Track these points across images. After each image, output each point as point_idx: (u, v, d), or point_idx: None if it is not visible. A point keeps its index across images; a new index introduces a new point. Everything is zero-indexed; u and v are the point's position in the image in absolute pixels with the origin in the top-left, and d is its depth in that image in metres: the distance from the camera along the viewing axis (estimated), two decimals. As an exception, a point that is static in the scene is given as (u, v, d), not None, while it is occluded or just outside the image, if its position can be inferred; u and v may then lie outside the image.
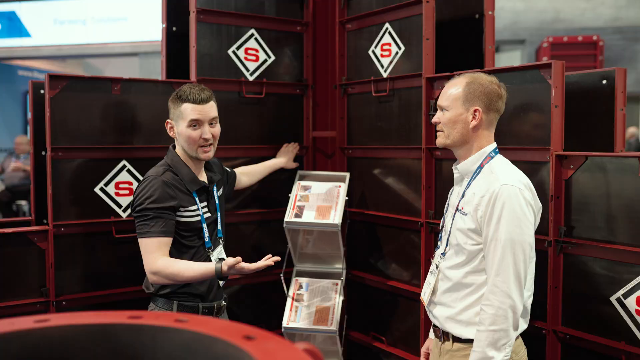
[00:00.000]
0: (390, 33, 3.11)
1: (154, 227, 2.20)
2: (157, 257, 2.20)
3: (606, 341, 2.23)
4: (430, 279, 2.19)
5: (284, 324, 3.02)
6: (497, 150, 2.10)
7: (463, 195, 2.06)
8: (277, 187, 3.40)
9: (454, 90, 2.07)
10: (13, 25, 11.88)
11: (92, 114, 2.82)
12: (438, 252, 2.19)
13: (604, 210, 2.25)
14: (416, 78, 2.93)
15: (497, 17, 3.16)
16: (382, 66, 3.18)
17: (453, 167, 2.16)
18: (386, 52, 3.14)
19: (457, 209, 2.08)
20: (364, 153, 3.33)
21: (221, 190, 2.54)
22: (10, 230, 2.63)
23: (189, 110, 2.28)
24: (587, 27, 9.89)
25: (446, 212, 2.21)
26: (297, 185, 3.19)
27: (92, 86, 2.83)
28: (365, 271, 3.33)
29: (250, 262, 2.39)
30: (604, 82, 2.52)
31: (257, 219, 3.34)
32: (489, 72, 2.59)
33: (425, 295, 2.20)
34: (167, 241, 2.24)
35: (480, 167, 2.05)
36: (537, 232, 2.43)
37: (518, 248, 1.91)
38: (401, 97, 3.07)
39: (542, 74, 2.39)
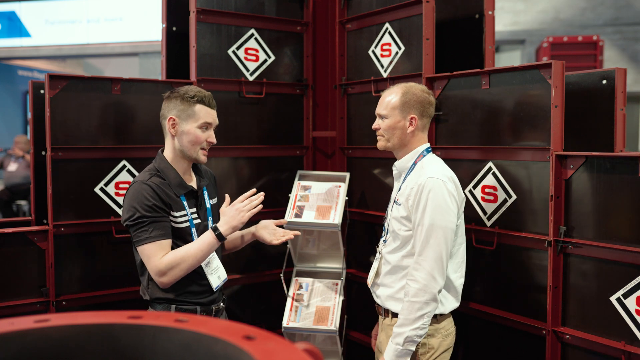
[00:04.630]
0: (390, 33, 3.11)
1: (153, 232, 2.16)
2: (161, 257, 2.17)
3: (606, 341, 2.23)
4: (374, 264, 2.48)
5: (284, 324, 3.02)
6: (429, 149, 2.38)
7: (399, 189, 2.35)
8: (277, 187, 3.40)
9: (391, 99, 2.33)
10: (13, 25, 11.88)
11: (92, 114, 2.82)
12: (381, 240, 2.48)
13: (604, 210, 2.25)
14: (416, 78, 2.93)
15: (497, 17, 3.16)
16: (382, 66, 3.18)
17: (393, 166, 2.44)
18: (386, 52, 3.14)
19: (394, 201, 2.37)
20: (364, 153, 3.33)
21: (215, 200, 2.47)
22: (10, 230, 2.63)
23: (203, 112, 2.26)
24: (587, 27, 9.88)
25: (388, 205, 2.47)
26: (297, 185, 3.19)
27: (92, 86, 2.83)
28: (365, 271, 3.33)
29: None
30: (604, 82, 2.52)
31: (257, 218, 3.33)
32: (489, 72, 2.60)
33: (370, 278, 2.49)
34: (168, 243, 2.20)
35: (414, 164, 2.34)
36: (537, 232, 2.45)
37: (440, 232, 2.17)
38: (401, 97, 3.07)
39: (542, 74, 2.39)
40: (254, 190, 2.34)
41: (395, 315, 2.31)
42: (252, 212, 2.27)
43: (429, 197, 2.17)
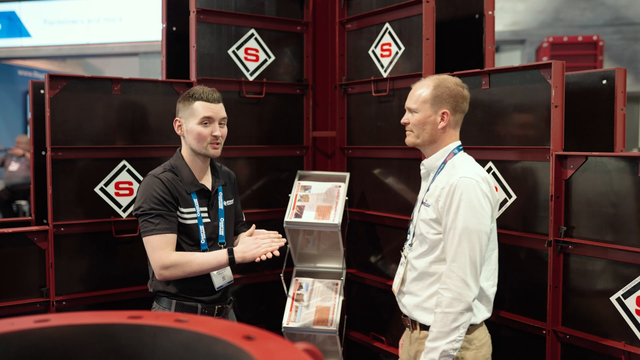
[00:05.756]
0: (390, 33, 3.11)
1: (159, 224, 2.21)
2: (168, 252, 2.21)
3: (606, 341, 2.23)
4: (399, 270, 2.30)
5: (284, 324, 3.02)
6: (460, 147, 2.20)
7: (428, 189, 2.18)
8: (277, 187, 3.40)
9: (422, 92, 2.16)
10: (13, 25, 11.87)
11: (92, 114, 2.82)
12: (407, 244, 2.29)
13: (604, 210, 2.25)
14: (416, 78, 2.93)
15: (497, 17, 3.16)
16: (382, 66, 3.18)
17: (420, 165, 2.27)
18: (386, 52, 3.14)
19: (422, 202, 2.20)
20: (364, 153, 3.33)
21: (231, 201, 2.47)
22: (10, 230, 2.63)
23: (201, 108, 2.29)
24: (587, 27, 9.88)
25: (415, 206, 2.31)
26: (297, 185, 3.19)
27: (92, 86, 2.83)
28: (365, 271, 3.33)
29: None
30: (604, 82, 2.52)
31: (257, 219, 3.33)
32: (489, 72, 2.60)
33: (395, 285, 2.30)
34: (173, 238, 2.24)
35: (444, 162, 2.16)
36: (537, 232, 2.44)
37: (474, 236, 2.00)
38: (401, 97, 3.07)
39: (542, 74, 2.39)
40: (280, 235, 2.30)
41: (423, 327, 2.15)
42: (267, 252, 2.22)
43: (461, 199, 2.00)
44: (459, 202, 2.00)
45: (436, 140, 2.17)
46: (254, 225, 2.41)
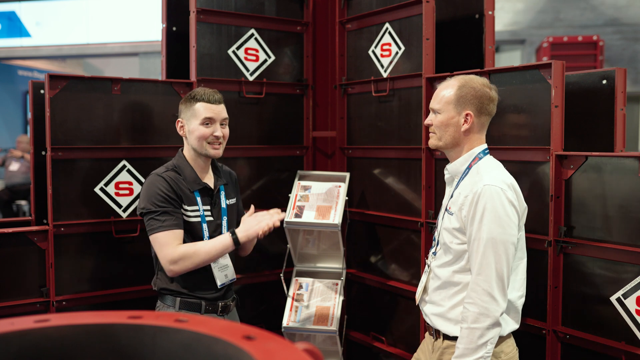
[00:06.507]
0: (390, 33, 3.11)
1: (166, 221, 2.24)
2: (175, 246, 2.23)
3: (606, 341, 2.23)
4: (423, 278, 2.23)
5: (284, 324, 3.02)
6: (486, 151, 2.11)
7: (452, 196, 2.10)
8: (277, 187, 3.40)
9: (446, 92, 2.09)
10: (13, 25, 11.87)
11: (92, 114, 2.82)
12: (431, 252, 2.23)
13: (604, 210, 2.25)
14: (416, 78, 2.93)
15: (497, 17, 3.16)
16: (382, 66, 3.18)
17: (444, 170, 2.20)
18: (386, 52, 3.14)
19: (445, 209, 2.13)
20: (364, 153, 3.33)
21: (234, 200, 2.52)
22: (10, 230, 2.63)
23: (202, 109, 2.34)
24: (587, 27, 9.88)
25: (439, 212, 2.25)
26: (297, 185, 3.19)
27: (92, 86, 2.83)
28: (365, 271, 3.33)
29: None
30: (604, 82, 2.52)
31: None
32: (489, 72, 2.60)
33: (417, 293, 2.25)
34: (180, 234, 2.27)
35: (469, 167, 2.08)
36: (537, 232, 2.44)
37: (500, 247, 1.92)
38: (401, 97, 3.07)
39: (542, 74, 2.39)
40: (279, 210, 2.36)
41: (446, 336, 2.09)
42: (269, 226, 2.28)
43: (486, 208, 1.92)
44: (483, 212, 1.93)
45: (459, 144, 2.09)
46: (252, 207, 2.44)
